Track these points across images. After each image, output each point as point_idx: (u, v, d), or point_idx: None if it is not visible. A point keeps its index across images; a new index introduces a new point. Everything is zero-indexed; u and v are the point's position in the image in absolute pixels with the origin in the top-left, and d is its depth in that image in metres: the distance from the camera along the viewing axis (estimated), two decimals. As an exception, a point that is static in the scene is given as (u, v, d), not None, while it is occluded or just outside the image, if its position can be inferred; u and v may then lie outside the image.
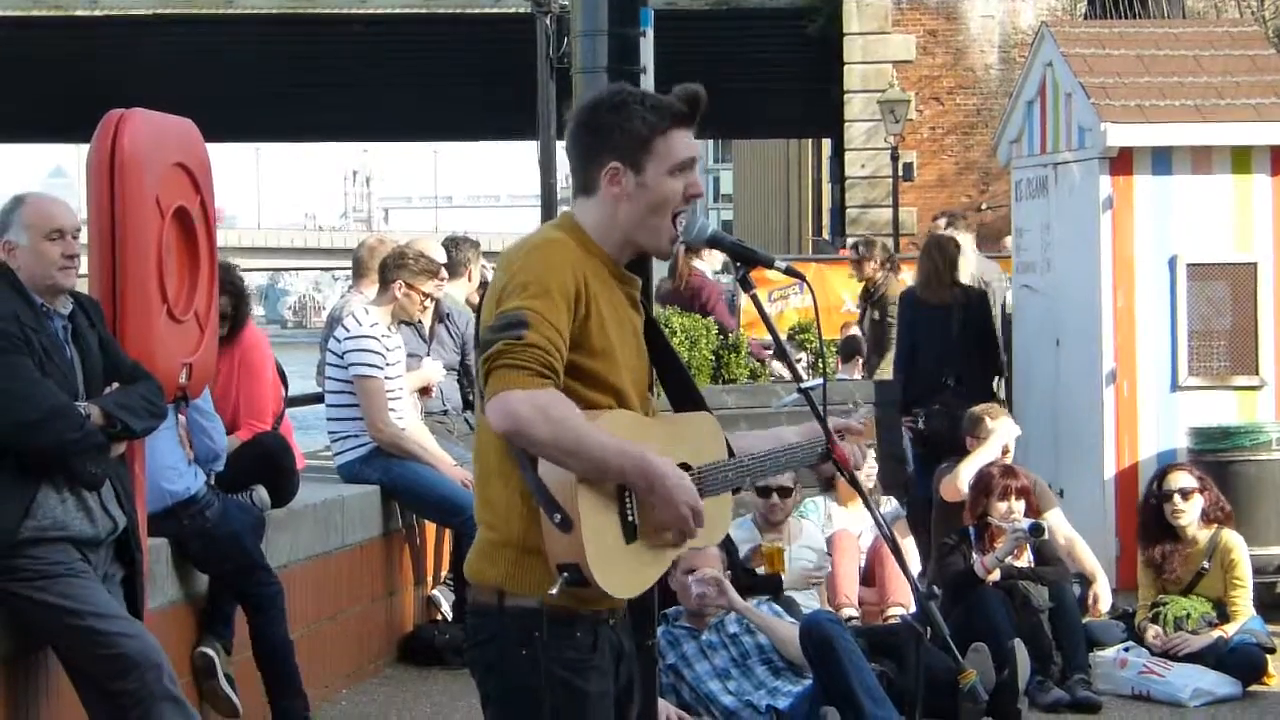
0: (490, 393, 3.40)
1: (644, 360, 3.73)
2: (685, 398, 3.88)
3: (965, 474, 8.35)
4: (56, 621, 5.17)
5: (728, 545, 7.47)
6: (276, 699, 6.59)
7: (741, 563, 7.69)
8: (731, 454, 3.79)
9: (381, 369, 8.05)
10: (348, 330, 8.20)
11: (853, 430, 3.98)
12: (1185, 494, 8.01)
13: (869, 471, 8.70)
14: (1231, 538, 8.05)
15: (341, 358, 8.20)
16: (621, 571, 3.53)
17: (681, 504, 3.48)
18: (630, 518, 3.52)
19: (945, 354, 10.02)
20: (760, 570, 7.77)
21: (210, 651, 6.46)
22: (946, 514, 8.57)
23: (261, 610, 6.47)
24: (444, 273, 8.74)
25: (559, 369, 3.44)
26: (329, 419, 8.57)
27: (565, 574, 3.45)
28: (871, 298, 13.18)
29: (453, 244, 9.87)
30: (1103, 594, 8.28)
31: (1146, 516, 8.29)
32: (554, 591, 3.47)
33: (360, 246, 9.73)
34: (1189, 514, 8.00)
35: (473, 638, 3.72)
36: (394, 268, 8.36)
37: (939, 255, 10.29)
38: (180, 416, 6.27)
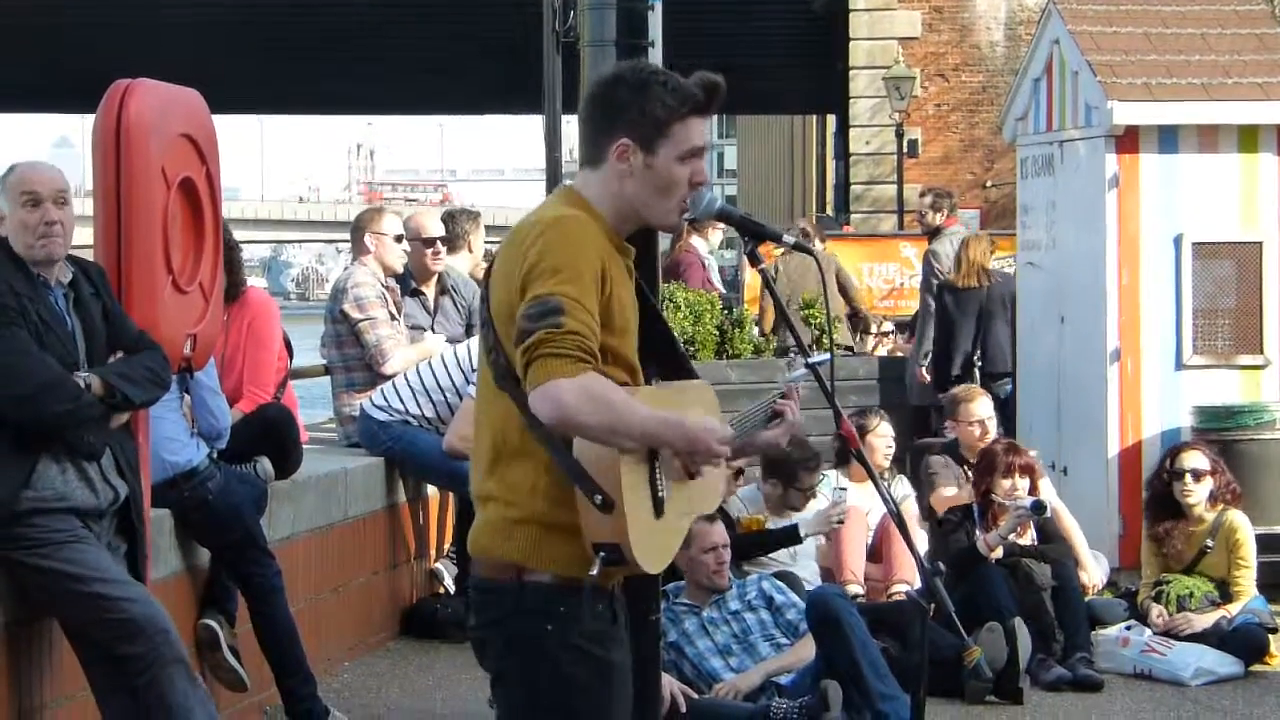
0: (533, 383, 3.41)
1: (633, 340, 3.75)
2: (673, 365, 3.92)
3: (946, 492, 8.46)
4: (61, 587, 5.15)
5: (726, 518, 7.51)
6: (282, 680, 6.60)
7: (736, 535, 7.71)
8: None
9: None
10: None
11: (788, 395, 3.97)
12: (1197, 475, 8.00)
13: (886, 450, 8.74)
14: (1237, 518, 8.05)
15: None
16: (654, 547, 3.59)
17: (717, 444, 3.54)
18: (660, 493, 3.56)
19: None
20: None
21: (213, 624, 6.46)
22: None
23: (262, 597, 6.47)
24: (420, 231, 9.01)
25: (596, 352, 3.46)
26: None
27: (603, 554, 3.48)
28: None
29: (450, 217, 9.90)
30: (1089, 568, 8.25)
31: (1154, 492, 8.29)
32: (594, 573, 3.50)
33: (358, 218, 9.76)
34: (1198, 494, 7.99)
35: (484, 615, 3.72)
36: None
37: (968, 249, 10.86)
38: (185, 394, 6.29)
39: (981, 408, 8.84)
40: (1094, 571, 8.27)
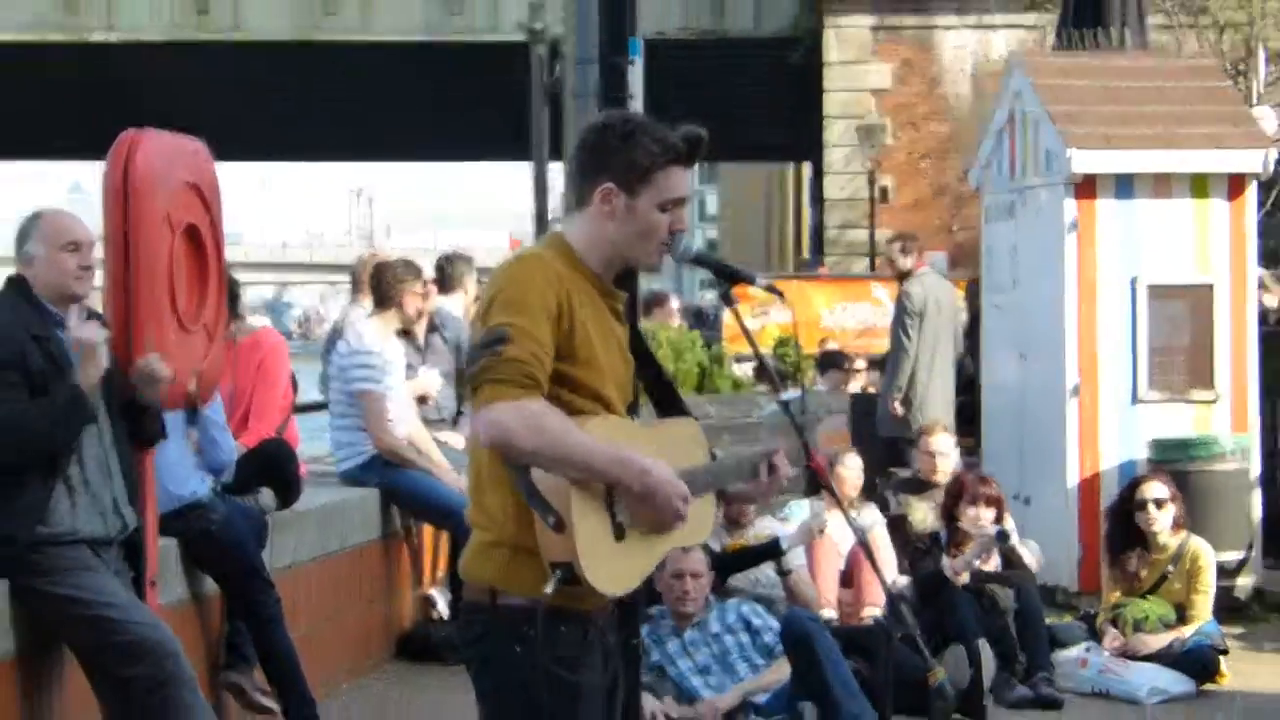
0: (477, 406, 3.39)
1: (629, 368, 3.71)
2: (669, 404, 3.86)
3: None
4: (71, 612, 5.14)
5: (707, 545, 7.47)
6: (284, 700, 6.60)
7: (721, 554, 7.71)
8: (714, 457, 3.78)
9: (380, 381, 8.03)
10: (349, 344, 8.18)
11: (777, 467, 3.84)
12: (1159, 504, 8.00)
13: (855, 481, 8.73)
14: (1199, 545, 8.04)
15: (343, 372, 8.17)
16: (611, 569, 3.52)
17: (673, 497, 3.46)
18: (619, 518, 3.49)
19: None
20: None
21: (236, 678, 6.56)
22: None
23: (262, 627, 6.46)
24: (432, 286, 8.76)
25: (541, 379, 3.42)
26: (332, 428, 8.55)
27: (559, 572, 3.43)
28: None
29: (447, 260, 9.82)
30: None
31: (1116, 523, 8.27)
32: (549, 590, 3.44)
33: (358, 262, 9.72)
34: (1161, 522, 7.99)
35: (465, 634, 3.71)
36: (395, 283, 8.33)
37: None
38: (191, 428, 6.29)
39: (940, 442, 8.85)
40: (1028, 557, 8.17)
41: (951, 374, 11.64)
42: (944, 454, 8.77)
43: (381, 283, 8.33)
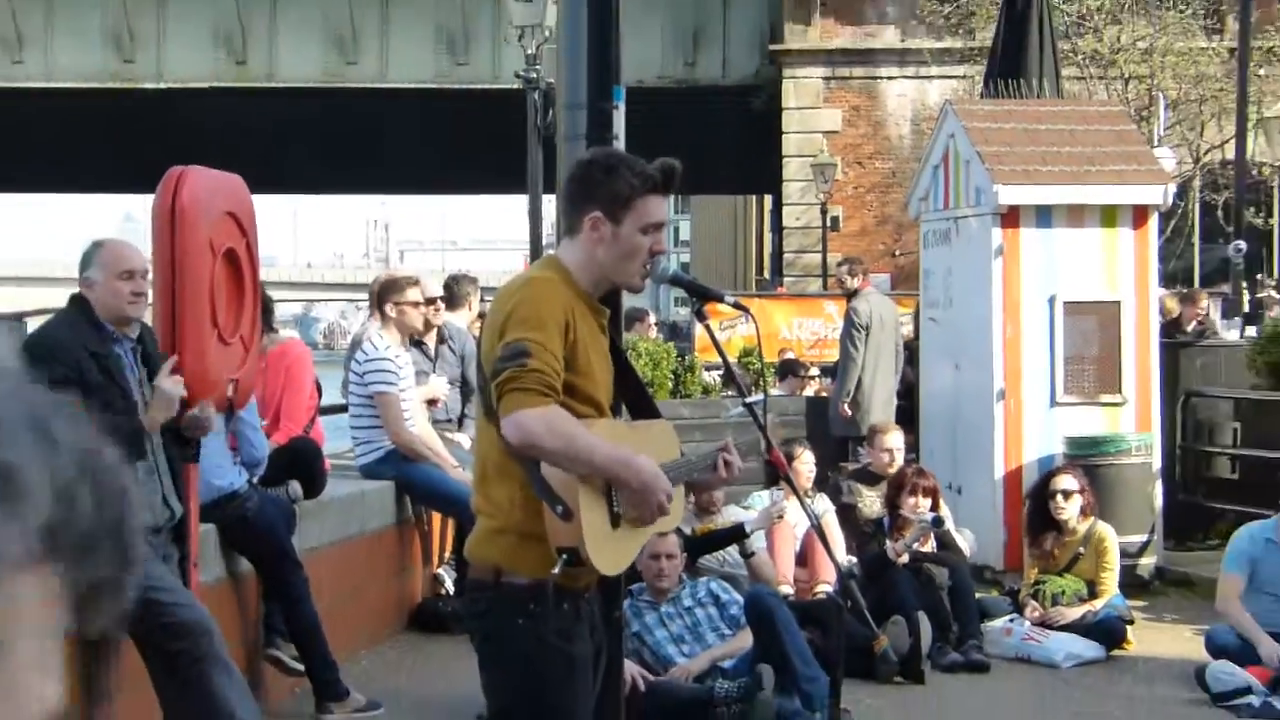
0: (504, 412, 3.33)
1: (610, 376, 3.67)
2: (643, 408, 3.84)
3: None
4: None
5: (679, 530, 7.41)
6: (310, 666, 6.55)
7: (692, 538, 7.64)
8: (682, 453, 3.76)
9: (395, 384, 7.89)
10: (366, 354, 8.01)
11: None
12: (1067, 494, 7.99)
13: (809, 473, 8.69)
14: (1105, 529, 8.04)
15: (362, 377, 8.01)
16: (610, 552, 3.50)
17: (660, 492, 3.45)
18: (615, 508, 3.48)
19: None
20: None
21: (275, 653, 6.60)
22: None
23: (292, 603, 6.41)
24: (421, 294, 8.23)
25: (559, 388, 3.38)
26: (352, 427, 8.44)
27: (565, 556, 3.40)
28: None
29: (454, 280, 9.67)
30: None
31: (1033, 510, 8.25)
32: (556, 571, 3.41)
33: (374, 282, 9.60)
34: (1069, 510, 7.98)
35: (470, 609, 3.67)
36: (381, 294, 8.09)
37: None
38: (228, 426, 6.19)
39: (894, 439, 8.80)
40: (962, 542, 8.18)
41: (893, 380, 11.59)
42: (898, 449, 8.74)
43: (381, 297, 8.10)
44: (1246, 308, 16.53)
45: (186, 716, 5.21)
